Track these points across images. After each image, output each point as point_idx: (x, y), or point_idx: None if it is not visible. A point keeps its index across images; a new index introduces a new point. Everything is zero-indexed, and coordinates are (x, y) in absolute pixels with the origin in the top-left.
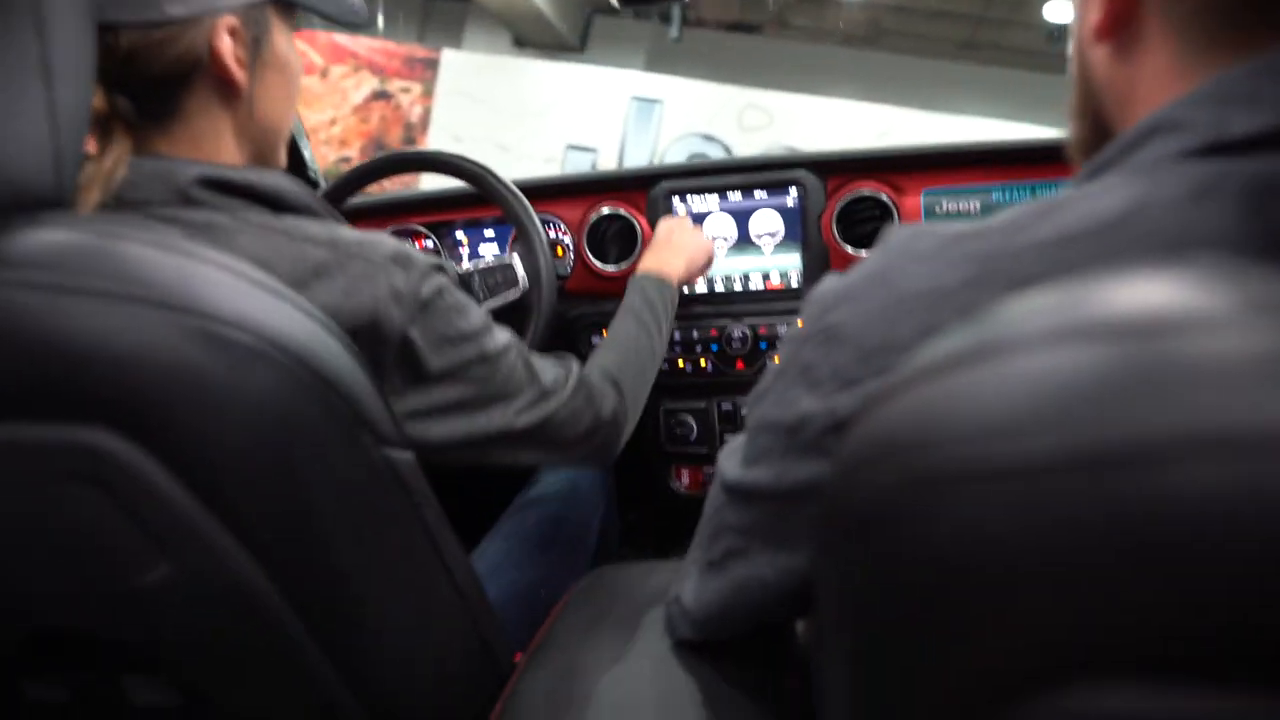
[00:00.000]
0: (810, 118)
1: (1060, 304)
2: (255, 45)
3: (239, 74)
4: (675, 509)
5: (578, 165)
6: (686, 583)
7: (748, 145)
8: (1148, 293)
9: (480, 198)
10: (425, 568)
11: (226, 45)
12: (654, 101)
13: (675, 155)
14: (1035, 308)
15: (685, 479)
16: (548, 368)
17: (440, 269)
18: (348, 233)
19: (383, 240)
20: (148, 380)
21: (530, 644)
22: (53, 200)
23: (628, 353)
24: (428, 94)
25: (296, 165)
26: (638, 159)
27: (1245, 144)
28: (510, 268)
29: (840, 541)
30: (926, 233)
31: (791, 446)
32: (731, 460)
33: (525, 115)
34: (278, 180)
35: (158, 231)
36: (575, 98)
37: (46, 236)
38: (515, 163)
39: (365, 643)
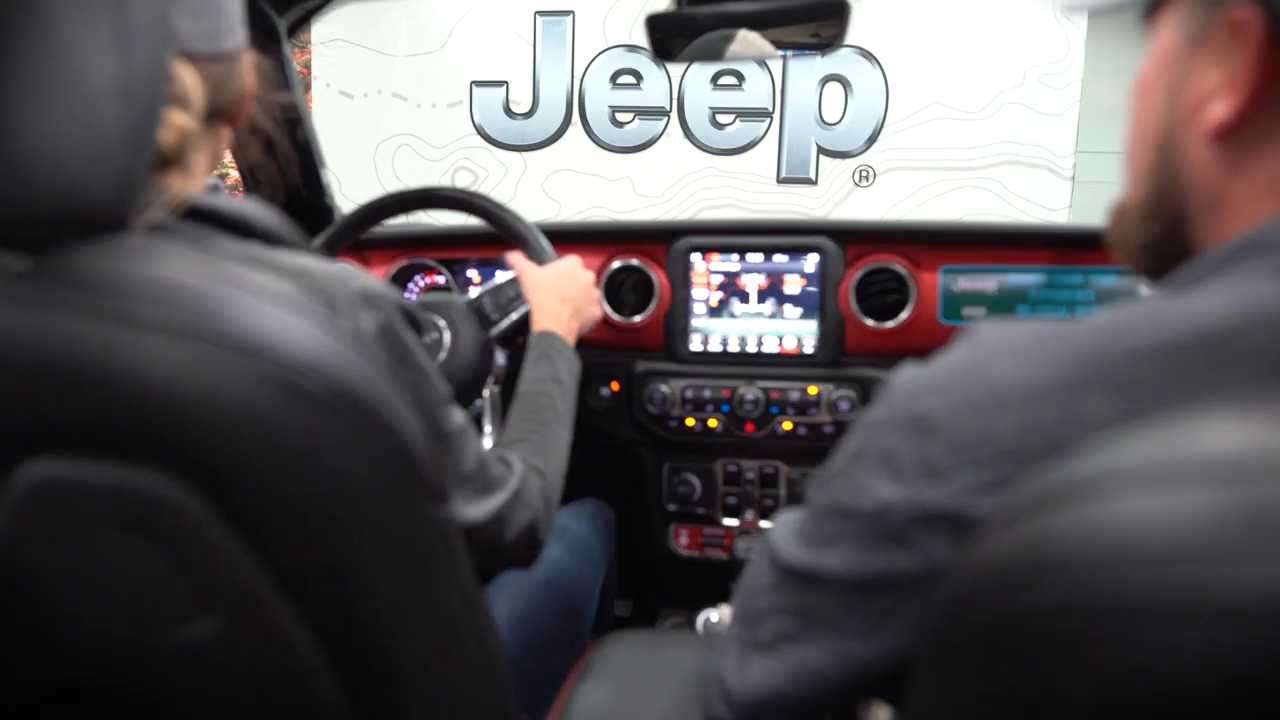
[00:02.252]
0: None
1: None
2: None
3: (250, 108)
4: (672, 569)
5: (487, 103)
6: (726, 660)
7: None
8: None
9: (495, 236)
10: (458, 628)
11: (252, 79)
12: (564, 14)
13: (599, 74)
14: (1219, 435)
15: (685, 539)
16: (492, 460)
17: (410, 318)
18: (318, 264)
19: (353, 275)
20: (217, 426)
21: (548, 713)
22: (117, 223)
23: (551, 446)
24: (302, 46)
25: (314, 190)
26: (554, 86)
27: None
28: (518, 284)
29: (973, 653)
30: (1016, 328)
31: (867, 534)
32: (790, 539)
33: (420, 56)
34: (244, 207)
35: (229, 266)
36: (473, 27)
37: (115, 264)
38: (415, 112)
39: (397, 704)
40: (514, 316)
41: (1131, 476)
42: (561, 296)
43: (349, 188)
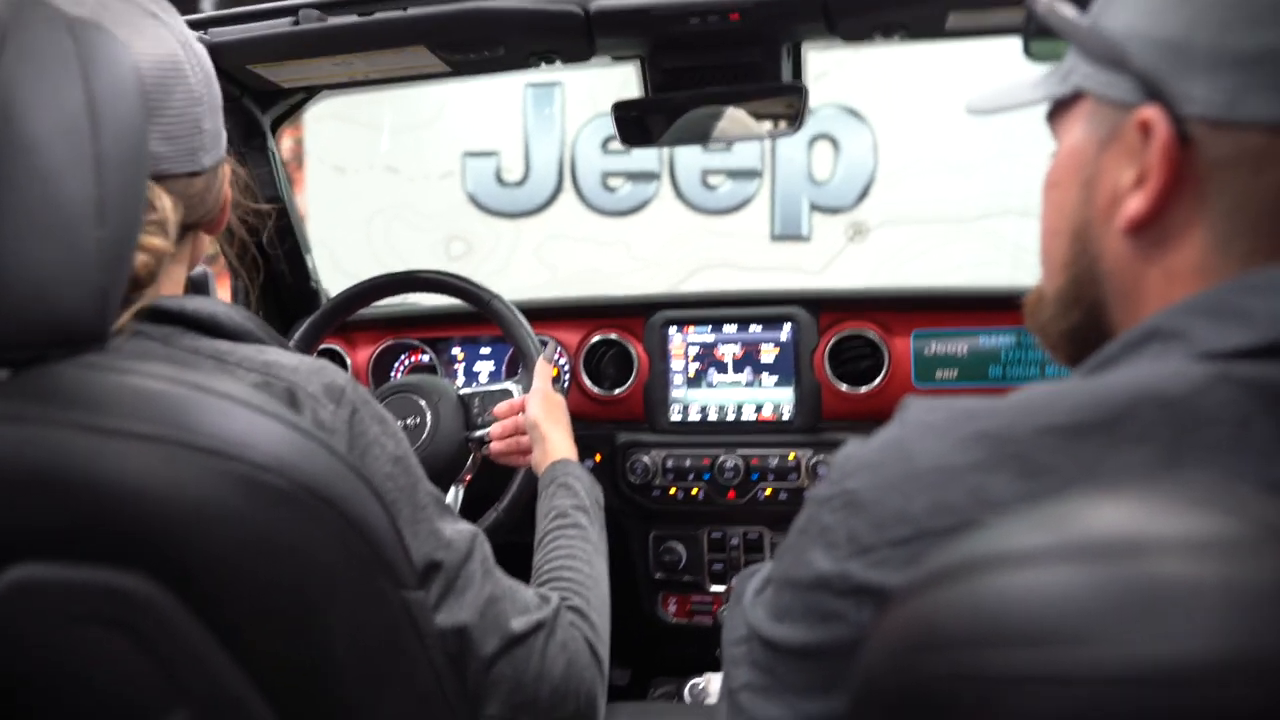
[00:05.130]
0: None
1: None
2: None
3: (228, 215)
4: (662, 637)
5: (479, 173)
6: (721, 704)
7: None
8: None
9: (479, 315)
10: (433, 707)
11: (229, 189)
12: (552, 85)
13: (589, 141)
14: (1096, 516)
15: (673, 607)
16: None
17: (382, 408)
18: (285, 358)
19: (319, 369)
20: (186, 526)
21: None
22: (95, 338)
23: (592, 581)
24: (295, 123)
25: (299, 275)
26: (546, 154)
27: (1239, 354)
28: (510, 395)
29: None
30: (940, 406)
31: (811, 608)
32: (755, 603)
33: (411, 129)
34: (214, 307)
35: (198, 372)
36: (464, 100)
37: (93, 377)
38: (408, 185)
39: None
40: (498, 428)
41: (1007, 556)
42: (557, 425)
43: (345, 261)
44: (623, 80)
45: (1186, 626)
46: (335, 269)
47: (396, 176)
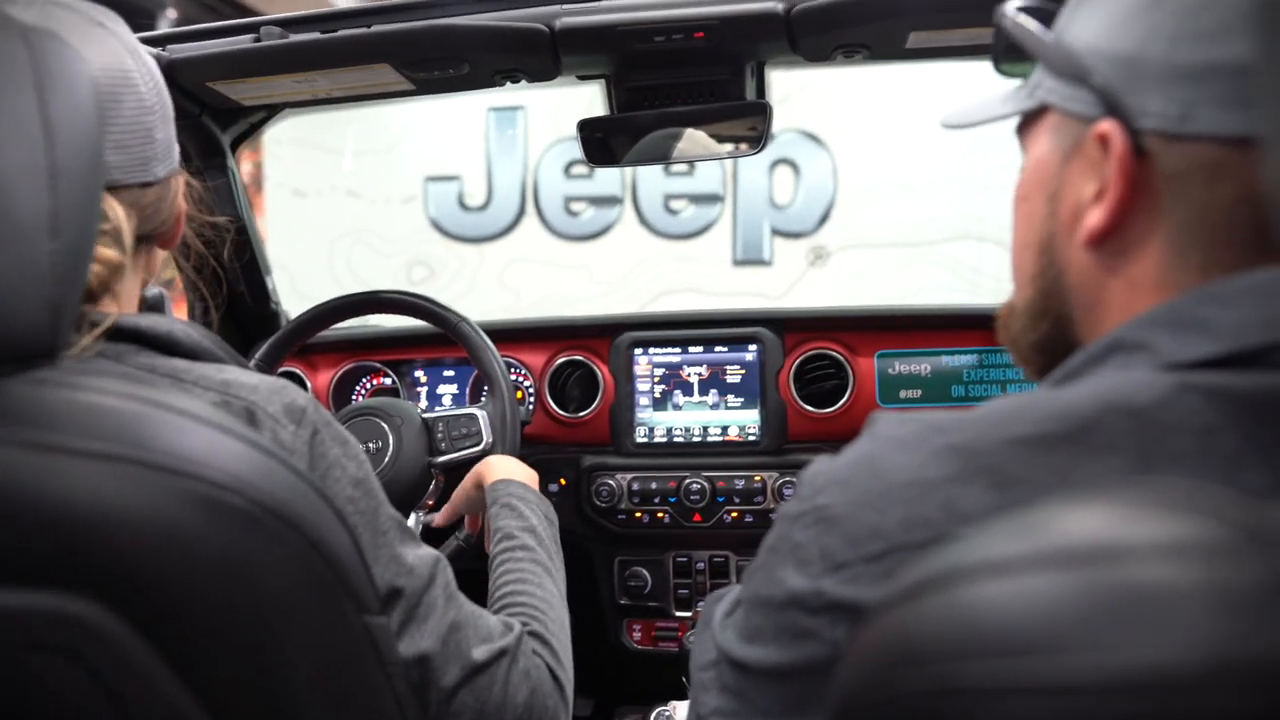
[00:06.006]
0: None
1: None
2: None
3: (182, 228)
4: (628, 665)
5: (441, 198)
6: None
7: None
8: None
9: (443, 337)
10: None
11: (183, 202)
12: (515, 109)
13: (552, 165)
14: (1071, 523)
15: (638, 634)
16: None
17: (338, 436)
18: (244, 377)
19: (279, 388)
20: (140, 548)
21: None
22: (47, 353)
23: (544, 602)
24: (254, 148)
25: (258, 296)
26: (508, 179)
27: (1202, 364)
28: (475, 420)
29: None
30: (910, 420)
31: (783, 627)
32: (724, 625)
33: (373, 153)
34: (171, 324)
35: (154, 389)
36: (426, 124)
37: (43, 394)
38: (370, 209)
39: None
40: (462, 454)
41: (981, 566)
42: (506, 462)
43: (304, 285)
44: (586, 105)
45: (1169, 632)
46: (294, 293)
47: (358, 201)
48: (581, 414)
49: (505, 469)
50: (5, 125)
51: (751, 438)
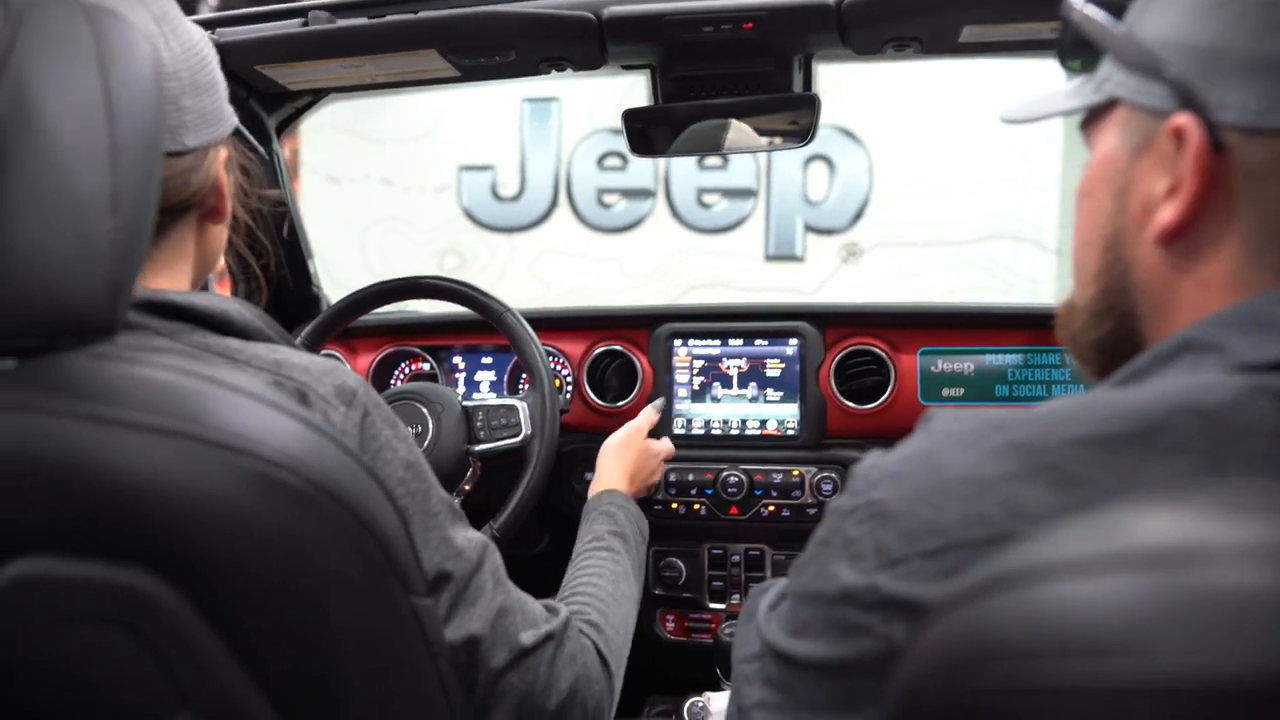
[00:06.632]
0: None
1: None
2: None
3: (229, 203)
4: (656, 654)
5: (474, 187)
6: None
7: None
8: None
9: (481, 324)
10: (436, 716)
11: (224, 174)
12: (549, 100)
13: (585, 157)
14: (1151, 524)
15: (670, 624)
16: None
17: (388, 418)
18: (295, 357)
19: (331, 370)
20: (195, 521)
21: None
22: (106, 330)
23: (612, 599)
24: (291, 133)
25: (300, 280)
26: (542, 170)
27: (1274, 367)
28: (515, 412)
29: None
30: (968, 416)
31: (834, 622)
32: (770, 618)
33: (408, 141)
34: (225, 304)
35: (209, 364)
36: (461, 113)
37: (102, 368)
38: (404, 196)
39: None
40: (500, 444)
41: (1059, 565)
42: (623, 462)
43: (337, 272)
44: (621, 97)
45: (1253, 637)
46: (328, 278)
47: (391, 188)
48: (620, 404)
49: (612, 479)
50: (69, 103)
51: (790, 432)
